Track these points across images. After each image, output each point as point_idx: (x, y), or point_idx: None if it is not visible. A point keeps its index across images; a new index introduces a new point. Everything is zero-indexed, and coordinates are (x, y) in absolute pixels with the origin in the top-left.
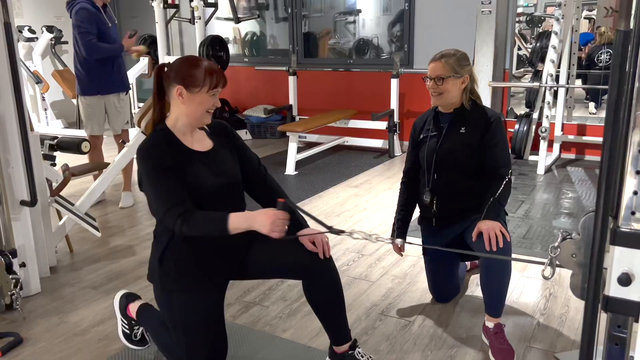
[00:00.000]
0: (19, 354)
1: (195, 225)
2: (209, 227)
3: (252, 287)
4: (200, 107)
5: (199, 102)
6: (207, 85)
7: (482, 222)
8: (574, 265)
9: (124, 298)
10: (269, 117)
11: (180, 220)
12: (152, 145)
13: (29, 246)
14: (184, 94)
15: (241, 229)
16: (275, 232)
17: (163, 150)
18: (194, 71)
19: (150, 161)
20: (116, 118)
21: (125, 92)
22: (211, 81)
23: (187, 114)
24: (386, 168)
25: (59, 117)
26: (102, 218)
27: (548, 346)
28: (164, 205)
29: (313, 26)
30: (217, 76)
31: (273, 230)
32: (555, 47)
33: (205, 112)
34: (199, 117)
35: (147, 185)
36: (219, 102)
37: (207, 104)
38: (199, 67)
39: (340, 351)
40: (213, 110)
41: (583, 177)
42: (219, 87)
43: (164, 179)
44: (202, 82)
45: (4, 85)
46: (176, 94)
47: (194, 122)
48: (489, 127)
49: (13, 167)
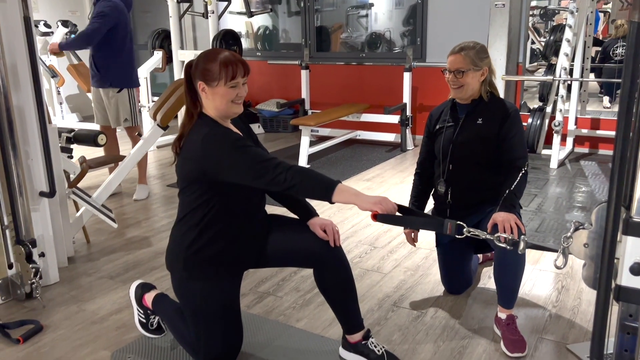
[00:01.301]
0: (39, 341)
1: (306, 178)
2: (317, 186)
3: (266, 278)
4: (224, 100)
5: (221, 95)
6: (223, 78)
7: (497, 214)
8: (586, 256)
9: (139, 288)
10: (282, 111)
11: (293, 170)
12: (219, 129)
13: (48, 236)
14: (205, 89)
15: (344, 201)
16: (380, 206)
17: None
18: (210, 65)
19: (228, 139)
20: (108, 112)
21: (116, 89)
22: (227, 73)
23: (214, 107)
24: (398, 162)
25: (74, 111)
26: (117, 210)
27: (560, 338)
28: (269, 162)
29: (325, 20)
30: (234, 67)
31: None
32: (569, 40)
33: (231, 103)
34: (225, 108)
35: (237, 160)
36: (244, 92)
37: (230, 96)
38: (214, 61)
39: (353, 341)
40: (240, 101)
41: (596, 171)
42: (237, 78)
43: (251, 147)
44: (218, 76)
45: (24, 78)
46: (200, 90)
47: (223, 114)
48: (507, 119)
49: (32, 159)
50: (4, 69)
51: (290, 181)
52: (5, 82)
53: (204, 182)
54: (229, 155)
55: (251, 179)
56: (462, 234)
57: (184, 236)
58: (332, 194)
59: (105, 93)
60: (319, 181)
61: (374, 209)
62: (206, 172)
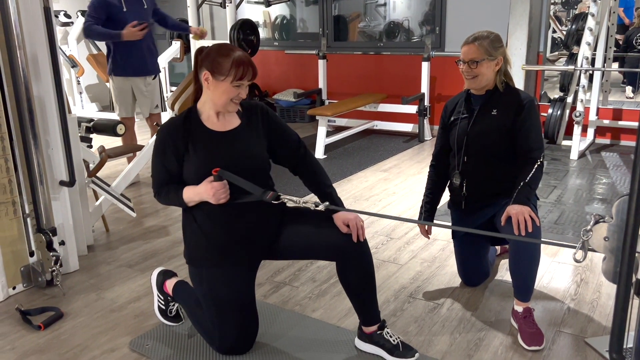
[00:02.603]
0: (59, 328)
1: (165, 198)
2: (173, 201)
3: (282, 268)
4: (224, 96)
5: (222, 91)
6: (231, 76)
7: (511, 207)
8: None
9: (161, 275)
10: (299, 101)
11: (156, 193)
12: (168, 126)
13: (68, 225)
14: (209, 79)
15: (195, 201)
16: (221, 200)
17: (176, 131)
18: (222, 59)
19: (157, 139)
20: (143, 101)
21: (152, 76)
22: (236, 73)
23: (211, 100)
24: (416, 152)
25: (93, 101)
26: (136, 199)
27: (578, 331)
28: (153, 180)
29: (343, 9)
30: (244, 69)
31: (218, 199)
32: (591, 29)
33: (230, 102)
34: (222, 104)
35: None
36: (244, 94)
37: (231, 94)
38: (228, 57)
39: (369, 331)
40: (239, 101)
41: (618, 162)
42: (244, 80)
43: (158, 159)
44: (227, 72)
45: (44, 68)
46: (203, 78)
47: (218, 108)
48: (522, 110)
49: (52, 149)
50: (25, 59)
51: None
52: (26, 72)
53: None
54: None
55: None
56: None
57: (186, 224)
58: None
59: (143, 81)
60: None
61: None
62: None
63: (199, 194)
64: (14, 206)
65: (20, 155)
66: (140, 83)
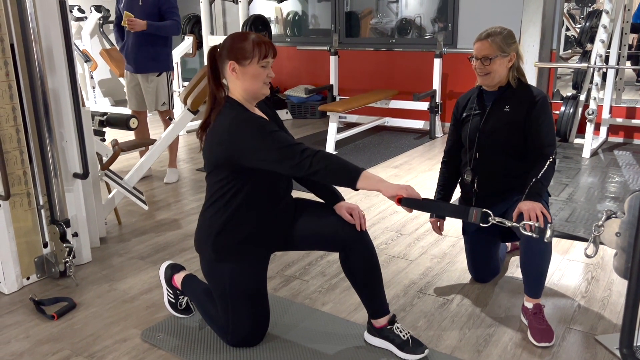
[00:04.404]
0: (72, 317)
1: (331, 164)
2: (342, 172)
3: (292, 262)
4: (255, 79)
5: (252, 75)
6: (256, 55)
7: (522, 203)
8: (617, 245)
9: (169, 269)
10: (310, 97)
11: (319, 156)
12: (245, 114)
13: (81, 217)
14: (236, 68)
15: (369, 188)
16: (404, 190)
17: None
18: (243, 44)
19: (255, 123)
20: (147, 98)
21: (156, 73)
22: (260, 51)
23: (244, 88)
24: (427, 149)
25: (106, 95)
26: (148, 193)
27: (588, 328)
28: (295, 147)
29: (355, 5)
30: (266, 46)
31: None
32: (606, 26)
33: (262, 84)
34: (256, 89)
35: (262, 143)
36: (272, 73)
37: (261, 75)
38: (247, 40)
39: (378, 325)
40: (269, 82)
41: (631, 161)
42: (269, 57)
43: (278, 131)
44: (251, 53)
45: (59, 62)
46: (230, 70)
47: (252, 94)
48: (534, 106)
49: (67, 141)
50: (41, 53)
51: (316, 166)
52: (41, 66)
53: (229, 166)
54: (255, 139)
55: (277, 162)
56: (487, 222)
57: (212, 219)
58: (357, 181)
59: (145, 78)
60: (344, 167)
61: (399, 192)
62: (232, 156)
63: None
64: (28, 197)
65: (35, 147)
66: (144, 80)
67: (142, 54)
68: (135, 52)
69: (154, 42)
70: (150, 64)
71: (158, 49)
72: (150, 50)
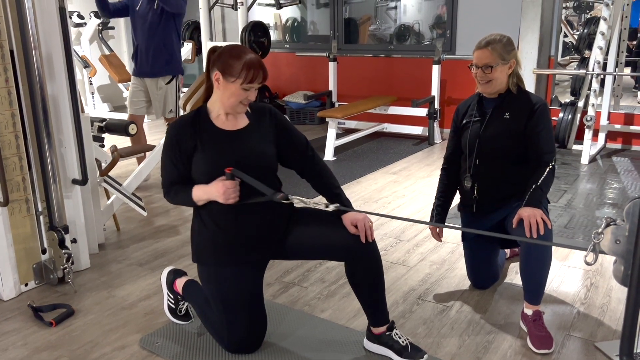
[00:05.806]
0: (70, 324)
1: (174, 197)
2: (182, 199)
3: (291, 268)
4: (232, 98)
5: (231, 92)
6: (242, 78)
7: (522, 209)
8: (617, 252)
9: (171, 274)
10: (309, 103)
11: (166, 192)
12: (177, 124)
13: (80, 223)
14: (220, 80)
15: (204, 200)
16: (230, 199)
17: (185, 129)
18: (234, 61)
19: (167, 137)
20: (154, 104)
21: (167, 80)
22: (247, 75)
23: (220, 100)
24: (425, 155)
25: (105, 101)
26: (146, 199)
27: (588, 335)
28: (162, 178)
29: (354, 12)
30: (255, 72)
31: (227, 198)
32: (603, 33)
33: (239, 103)
34: (231, 105)
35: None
36: (253, 97)
37: (240, 96)
38: (239, 59)
39: (377, 332)
40: (247, 103)
41: (629, 167)
42: (254, 83)
43: (168, 157)
44: (237, 74)
45: (59, 68)
46: (214, 78)
47: (226, 109)
48: (534, 113)
49: (66, 147)
50: (40, 59)
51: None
52: (41, 72)
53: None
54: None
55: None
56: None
57: (193, 223)
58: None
59: (154, 83)
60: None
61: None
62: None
63: (208, 192)
64: (27, 204)
65: (34, 153)
66: (153, 85)
67: (156, 57)
68: (150, 55)
69: (165, 43)
70: (165, 67)
71: (170, 50)
72: (164, 52)
